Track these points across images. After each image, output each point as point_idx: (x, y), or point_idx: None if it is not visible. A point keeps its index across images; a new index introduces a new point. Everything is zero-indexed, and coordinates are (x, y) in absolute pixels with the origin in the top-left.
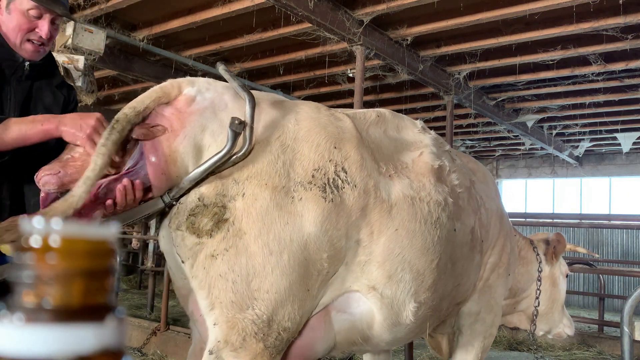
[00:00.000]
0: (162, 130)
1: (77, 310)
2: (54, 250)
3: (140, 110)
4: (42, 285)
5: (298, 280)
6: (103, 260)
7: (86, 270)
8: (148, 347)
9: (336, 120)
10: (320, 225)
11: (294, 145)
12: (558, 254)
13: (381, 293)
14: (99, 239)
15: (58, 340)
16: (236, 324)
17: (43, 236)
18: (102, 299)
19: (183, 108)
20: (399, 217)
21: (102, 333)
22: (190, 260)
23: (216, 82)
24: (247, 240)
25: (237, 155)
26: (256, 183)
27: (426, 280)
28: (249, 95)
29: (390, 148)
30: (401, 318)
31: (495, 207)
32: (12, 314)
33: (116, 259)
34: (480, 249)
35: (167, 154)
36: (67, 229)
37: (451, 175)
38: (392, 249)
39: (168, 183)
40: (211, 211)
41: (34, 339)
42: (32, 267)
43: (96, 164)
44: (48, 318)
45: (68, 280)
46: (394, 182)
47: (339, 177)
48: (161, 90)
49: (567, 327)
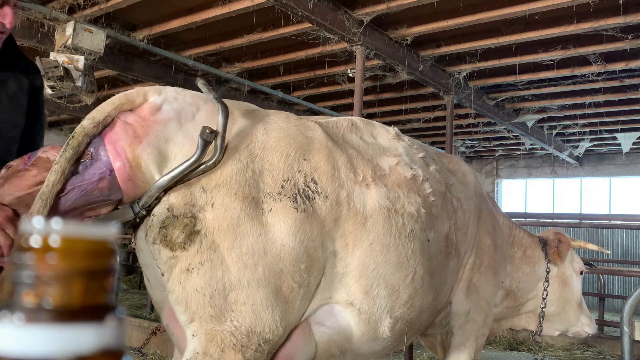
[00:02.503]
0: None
1: (77, 310)
2: (54, 250)
3: (100, 120)
4: (42, 285)
5: (275, 291)
6: (103, 260)
7: (86, 270)
8: (148, 347)
9: (306, 130)
10: (294, 236)
11: (262, 155)
12: (562, 254)
13: (359, 309)
14: (99, 239)
15: (58, 340)
16: (215, 335)
17: (43, 236)
18: (102, 299)
19: (147, 116)
20: (374, 230)
21: (102, 333)
22: (167, 274)
23: (185, 92)
24: (222, 253)
25: (206, 164)
26: (225, 192)
27: (401, 296)
28: (222, 106)
29: (369, 152)
30: (378, 333)
31: (473, 207)
32: (12, 314)
33: (116, 259)
34: (457, 253)
35: (131, 159)
36: (67, 229)
37: (424, 184)
38: (367, 263)
39: (135, 189)
40: (181, 222)
41: (34, 339)
42: (32, 267)
43: (49, 181)
44: (48, 318)
45: (68, 280)
46: (371, 191)
47: (309, 188)
48: (125, 97)
49: (586, 325)
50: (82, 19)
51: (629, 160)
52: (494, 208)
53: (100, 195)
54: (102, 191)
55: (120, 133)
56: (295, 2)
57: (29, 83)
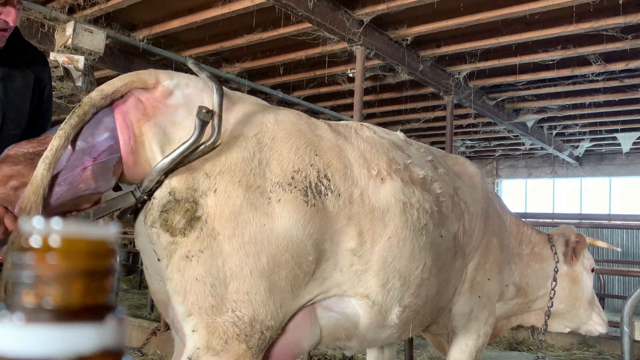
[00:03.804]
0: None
1: (77, 310)
2: (54, 250)
3: (109, 93)
4: (42, 285)
5: (280, 280)
6: (103, 260)
7: (86, 270)
8: (148, 347)
9: (316, 128)
10: (303, 228)
11: (272, 145)
12: (578, 254)
13: (373, 300)
14: (99, 239)
15: (58, 340)
16: (217, 328)
17: (43, 236)
18: (102, 299)
19: (159, 99)
20: (392, 224)
21: (102, 333)
22: (165, 260)
23: (197, 79)
24: (221, 241)
25: (205, 145)
26: (229, 179)
27: (411, 285)
28: (216, 85)
29: (384, 145)
30: (387, 321)
31: (480, 209)
32: (12, 314)
33: (116, 259)
34: (462, 254)
35: (137, 134)
36: (67, 228)
37: (434, 184)
38: (386, 258)
39: (136, 167)
40: (183, 207)
41: (34, 339)
42: (32, 267)
43: (52, 145)
44: (48, 318)
45: (68, 280)
46: (386, 186)
47: (321, 184)
48: (137, 75)
49: (598, 324)
50: (82, 19)
51: (629, 160)
52: (500, 207)
53: (104, 157)
54: (108, 154)
55: (131, 107)
56: (295, 2)
57: (35, 77)
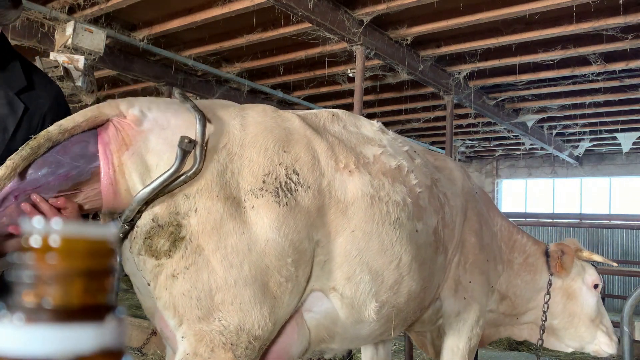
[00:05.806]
0: None
1: (77, 310)
2: (54, 250)
3: (68, 128)
4: (42, 285)
5: (263, 288)
6: (103, 260)
7: (86, 270)
8: (148, 347)
9: (283, 121)
10: (278, 230)
11: (241, 152)
12: (567, 267)
13: (341, 293)
14: (99, 239)
15: (58, 340)
16: (204, 336)
17: (43, 236)
18: (102, 299)
19: (133, 126)
20: (355, 217)
21: (102, 333)
22: (152, 282)
23: (157, 101)
24: (207, 256)
25: (186, 175)
26: (207, 196)
27: (386, 280)
28: (199, 114)
29: (352, 140)
30: (363, 316)
31: (459, 204)
32: (12, 314)
33: (116, 259)
34: (444, 249)
35: (117, 164)
36: (67, 229)
37: (409, 175)
38: (349, 250)
39: (116, 197)
40: (167, 231)
41: (34, 339)
42: (32, 267)
43: None
44: (48, 318)
45: (68, 280)
46: (353, 178)
47: (291, 180)
48: (97, 109)
49: (604, 344)
50: (82, 19)
51: (629, 160)
52: (488, 208)
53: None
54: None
55: (112, 137)
56: (295, 2)
57: (24, 108)
